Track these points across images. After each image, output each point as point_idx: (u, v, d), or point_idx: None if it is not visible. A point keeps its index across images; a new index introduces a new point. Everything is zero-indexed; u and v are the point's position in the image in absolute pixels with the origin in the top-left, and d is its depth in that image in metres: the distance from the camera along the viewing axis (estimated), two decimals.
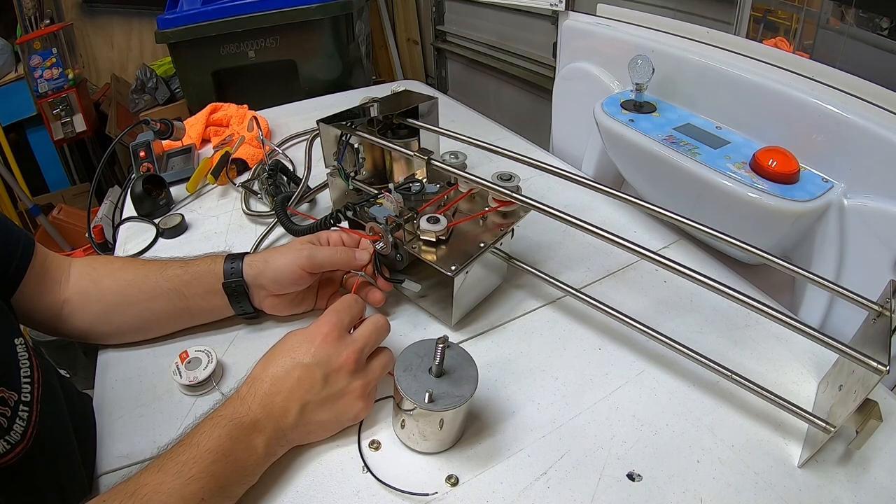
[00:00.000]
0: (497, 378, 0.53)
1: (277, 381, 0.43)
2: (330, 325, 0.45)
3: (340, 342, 0.45)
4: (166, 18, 1.41)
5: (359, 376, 0.45)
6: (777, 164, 0.60)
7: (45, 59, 1.90)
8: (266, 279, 0.55)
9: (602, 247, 0.58)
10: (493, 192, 0.57)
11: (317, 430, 0.46)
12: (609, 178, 0.89)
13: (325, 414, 0.45)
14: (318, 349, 0.44)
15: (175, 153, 0.98)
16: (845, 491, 0.43)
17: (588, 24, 0.92)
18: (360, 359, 0.45)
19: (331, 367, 0.44)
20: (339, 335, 0.45)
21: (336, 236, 0.58)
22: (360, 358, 0.45)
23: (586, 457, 0.46)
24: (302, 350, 0.44)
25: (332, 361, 0.44)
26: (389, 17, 2.22)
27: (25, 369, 0.42)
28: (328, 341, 0.44)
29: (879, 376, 0.38)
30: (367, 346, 0.46)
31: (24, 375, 0.42)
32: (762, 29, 0.87)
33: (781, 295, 0.65)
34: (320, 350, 0.44)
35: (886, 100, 0.57)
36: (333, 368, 0.44)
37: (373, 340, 0.47)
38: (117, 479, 0.45)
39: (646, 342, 0.55)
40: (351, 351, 0.44)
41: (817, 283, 0.44)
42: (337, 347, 0.44)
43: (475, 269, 0.56)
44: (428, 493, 0.43)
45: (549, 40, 1.35)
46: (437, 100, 0.73)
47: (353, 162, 0.70)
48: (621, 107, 0.77)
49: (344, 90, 1.34)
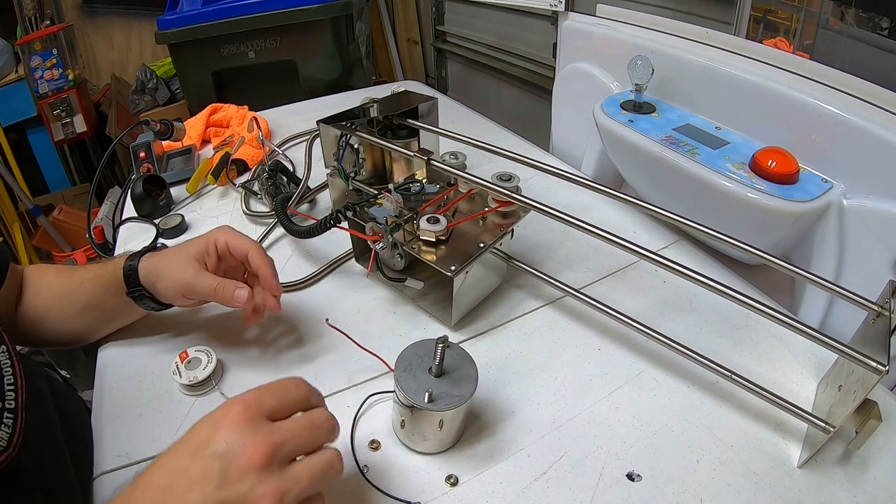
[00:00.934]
0: (497, 378, 0.53)
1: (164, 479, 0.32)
2: (243, 403, 0.33)
3: (250, 428, 0.32)
4: (166, 19, 1.42)
5: (270, 479, 0.31)
6: (776, 165, 0.60)
7: (45, 59, 1.90)
8: (157, 290, 0.52)
9: (602, 247, 0.58)
10: (493, 192, 0.57)
11: None
12: (609, 178, 0.89)
13: None
14: (219, 434, 0.32)
15: (175, 154, 0.98)
16: (845, 491, 0.43)
17: (588, 24, 0.92)
18: (273, 453, 0.32)
19: (230, 459, 0.31)
20: (252, 418, 0.33)
21: (223, 241, 0.52)
22: (275, 453, 0.32)
23: (586, 457, 0.46)
24: (201, 435, 0.33)
25: (232, 451, 0.31)
26: (389, 18, 2.22)
27: (9, 376, 0.42)
28: (234, 424, 0.32)
29: (879, 376, 0.38)
30: (290, 441, 0.33)
31: (7, 383, 0.41)
32: (762, 29, 0.88)
33: (781, 295, 0.65)
34: (221, 435, 0.32)
35: (886, 100, 0.57)
36: (233, 462, 0.31)
37: (304, 439, 0.34)
38: (116, 478, 0.45)
39: (646, 342, 0.55)
40: (261, 441, 0.32)
41: (817, 283, 0.44)
42: (244, 434, 0.32)
43: (475, 269, 0.56)
44: (411, 502, 0.42)
45: (548, 40, 1.35)
46: (436, 100, 0.73)
47: (352, 162, 0.70)
48: (621, 107, 0.77)
49: (344, 90, 1.34)
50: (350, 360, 0.55)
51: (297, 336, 0.59)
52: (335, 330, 0.55)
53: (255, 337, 0.59)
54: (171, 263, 0.52)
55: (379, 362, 0.52)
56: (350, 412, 0.50)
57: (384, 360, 0.52)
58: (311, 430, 0.35)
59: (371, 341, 0.54)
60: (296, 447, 0.33)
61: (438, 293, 0.62)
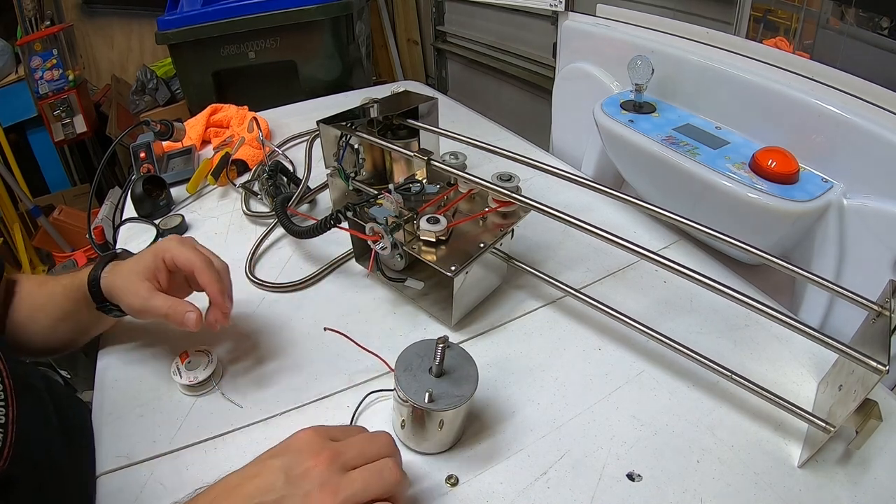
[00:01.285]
0: (497, 378, 0.53)
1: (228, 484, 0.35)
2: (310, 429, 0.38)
3: (317, 441, 0.37)
4: (166, 19, 1.42)
5: (332, 478, 0.34)
6: (777, 165, 0.60)
7: (45, 60, 1.90)
8: (121, 305, 0.52)
9: (602, 247, 0.58)
10: (493, 192, 0.57)
11: None
12: (609, 178, 0.89)
13: None
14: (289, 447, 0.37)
15: (175, 154, 0.98)
16: (845, 491, 0.43)
17: (588, 24, 0.92)
18: (334, 458, 0.35)
19: (295, 461, 0.35)
20: (319, 439, 0.37)
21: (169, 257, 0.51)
22: (337, 458, 0.36)
23: (586, 457, 0.46)
24: (274, 451, 0.37)
25: (299, 457, 0.35)
26: (389, 18, 2.22)
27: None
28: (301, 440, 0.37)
29: (879, 376, 0.38)
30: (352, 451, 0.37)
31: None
32: (762, 29, 0.87)
33: (781, 295, 0.65)
34: (290, 448, 0.36)
35: (886, 100, 0.57)
36: (298, 463, 0.35)
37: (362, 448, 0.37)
38: (116, 479, 0.45)
39: (646, 342, 0.55)
40: (326, 450, 0.36)
41: (817, 283, 0.44)
42: (312, 445, 0.36)
43: (475, 269, 0.56)
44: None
45: (549, 40, 1.35)
46: (436, 100, 0.73)
47: (353, 162, 0.70)
48: (621, 107, 0.77)
49: (344, 91, 1.34)
50: (350, 360, 0.55)
51: (298, 336, 0.59)
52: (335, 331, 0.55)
53: (255, 337, 0.59)
54: (124, 282, 0.51)
55: (379, 362, 0.52)
56: (350, 412, 0.50)
57: (384, 360, 0.52)
58: (367, 442, 0.38)
59: (371, 341, 0.54)
60: (353, 457, 0.36)
61: (438, 293, 0.62)
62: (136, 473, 0.45)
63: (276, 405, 0.51)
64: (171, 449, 0.47)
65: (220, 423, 0.49)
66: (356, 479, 0.35)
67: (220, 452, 0.47)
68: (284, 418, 0.50)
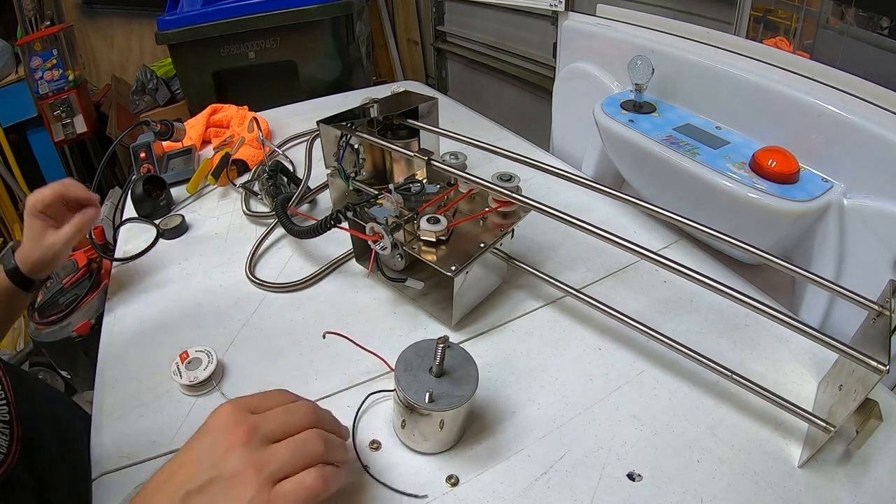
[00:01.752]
0: (497, 378, 0.53)
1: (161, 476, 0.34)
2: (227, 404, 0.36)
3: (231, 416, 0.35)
4: (166, 19, 1.42)
5: (253, 453, 0.33)
6: (777, 164, 0.60)
7: (45, 60, 1.90)
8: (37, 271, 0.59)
9: (602, 247, 0.58)
10: (493, 192, 0.57)
11: None
12: (609, 178, 0.89)
13: None
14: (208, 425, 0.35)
15: (175, 154, 0.98)
16: (845, 491, 0.43)
17: (588, 24, 0.92)
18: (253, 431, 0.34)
19: (216, 443, 0.34)
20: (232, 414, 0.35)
21: (47, 192, 0.58)
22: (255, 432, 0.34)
23: (586, 457, 0.46)
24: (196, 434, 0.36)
25: (217, 437, 0.34)
26: (389, 18, 2.22)
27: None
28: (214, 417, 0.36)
29: (879, 376, 0.38)
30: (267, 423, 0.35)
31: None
32: (762, 29, 0.87)
33: (781, 295, 0.65)
34: (206, 426, 0.35)
35: (886, 100, 0.57)
36: (217, 443, 0.34)
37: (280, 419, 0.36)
38: (116, 479, 0.45)
39: (646, 342, 0.55)
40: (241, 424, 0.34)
41: (817, 283, 0.44)
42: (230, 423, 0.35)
43: (475, 269, 0.56)
44: (418, 496, 0.43)
45: (549, 40, 1.35)
46: (437, 100, 0.73)
47: (353, 162, 0.70)
48: (621, 107, 0.77)
49: (344, 91, 1.34)
50: (350, 360, 0.55)
51: (298, 336, 0.59)
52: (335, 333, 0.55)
53: (255, 337, 0.59)
54: (27, 241, 0.58)
55: (379, 362, 0.52)
56: (350, 412, 0.50)
57: (385, 360, 0.52)
58: (287, 413, 0.37)
59: (371, 341, 0.54)
60: (274, 429, 0.35)
61: (439, 293, 0.62)
62: (136, 473, 0.45)
63: None
64: (171, 449, 0.47)
65: None
66: (280, 453, 0.34)
67: None
68: None
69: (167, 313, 0.63)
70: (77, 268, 0.91)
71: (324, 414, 0.39)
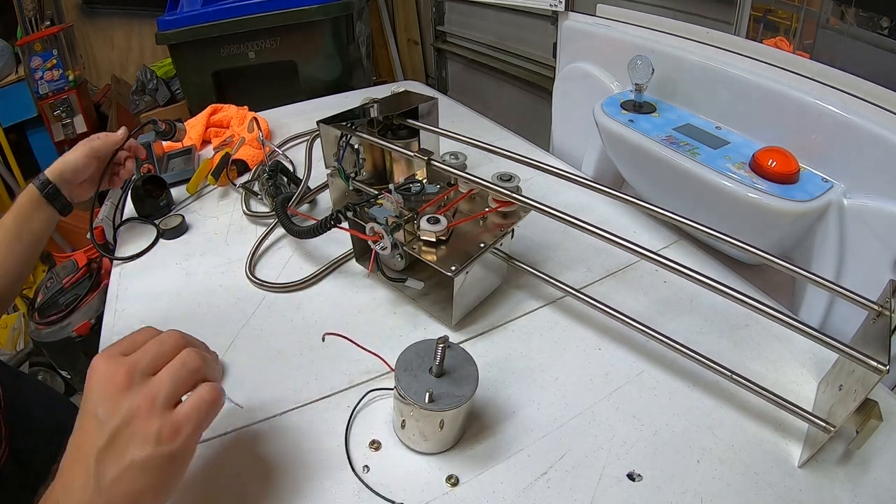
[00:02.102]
0: (497, 378, 0.53)
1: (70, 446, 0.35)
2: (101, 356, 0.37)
3: (106, 366, 0.36)
4: (166, 20, 1.42)
5: (139, 390, 0.34)
6: (777, 165, 0.60)
7: (45, 60, 1.90)
8: (68, 172, 0.69)
9: (602, 247, 0.58)
10: (493, 192, 0.57)
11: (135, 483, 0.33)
12: (609, 178, 0.89)
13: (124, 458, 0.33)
14: (88, 384, 0.36)
15: (175, 154, 0.98)
16: (845, 491, 0.43)
17: (588, 24, 0.92)
18: (132, 371, 0.35)
19: (101, 398, 0.34)
20: (106, 362, 0.36)
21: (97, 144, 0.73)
22: (133, 371, 0.35)
23: (586, 457, 0.46)
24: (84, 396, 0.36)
25: (102, 389, 0.35)
26: (389, 18, 2.22)
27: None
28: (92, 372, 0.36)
29: (879, 376, 0.38)
30: (142, 359, 0.36)
31: None
32: (762, 29, 0.87)
33: (781, 295, 0.65)
34: (89, 383, 0.35)
35: (886, 100, 0.57)
36: (105, 395, 0.34)
37: (153, 351, 0.37)
38: None
39: (646, 342, 0.55)
40: (118, 369, 0.35)
41: (817, 283, 0.44)
42: (102, 372, 0.35)
43: (475, 269, 0.56)
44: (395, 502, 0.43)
45: (549, 40, 1.36)
46: (437, 100, 0.73)
47: (353, 162, 0.70)
48: (621, 107, 0.77)
49: (344, 91, 1.34)
50: (350, 360, 0.55)
51: (298, 336, 0.59)
52: (335, 334, 0.55)
53: (255, 337, 0.59)
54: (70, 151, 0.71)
55: (379, 362, 0.52)
56: (350, 412, 0.50)
57: (385, 360, 0.52)
58: (157, 344, 0.38)
59: (371, 341, 0.54)
60: (150, 362, 0.36)
61: (439, 293, 0.62)
62: None
63: (276, 405, 0.51)
64: None
65: (220, 423, 0.49)
66: (164, 379, 0.35)
67: (221, 452, 0.47)
68: (284, 418, 0.50)
69: (167, 313, 0.63)
70: (77, 268, 0.91)
71: (191, 338, 0.41)
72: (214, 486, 0.44)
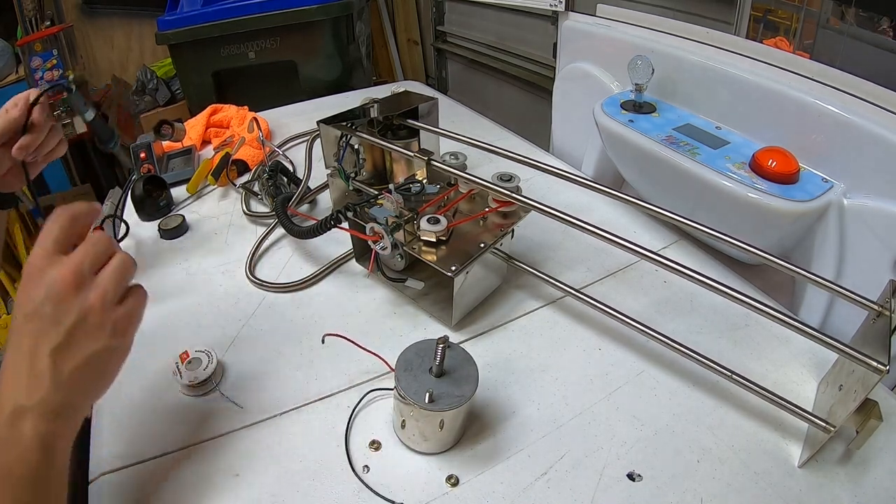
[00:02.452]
0: (497, 378, 0.53)
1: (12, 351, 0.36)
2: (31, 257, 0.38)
3: (50, 267, 0.37)
4: (166, 20, 1.42)
5: (90, 289, 0.37)
6: (777, 165, 0.60)
7: (45, 60, 1.90)
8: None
9: (602, 247, 0.58)
10: (493, 192, 0.57)
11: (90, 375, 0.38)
12: (609, 178, 0.89)
13: (81, 352, 0.36)
14: (31, 286, 0.37)
15: (175, 154, 0.98)
16: (845, 491, 0.43)
17: (588, 24, 0.92)
18: (79, 271, 0.37)
19: (52, 294, 0.36)
20: (48, 263, 0.37)
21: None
22: (80, 271, 0.37)
23: (586, 457, 0.46)
24: (21, 300, 0.37)
25: (51, 289, 0.36)
26: (389, 18, 2.22)
27: None
28: (37, 273, 0.37)
29: (879, 376, 0.38)
30: (86, 260, 0.38)
31: None
32: (762, 29, 0.87)
33: (781, 295, 0.65)
34: (32, 285, 0.37)
35: (886, 100, 0.57)
36: (56, 295, 0.36)
37: (91, 255, 0.39)
38: (116, 479, 0.45)
39: (646, 342, 0.55)
40: (65, 269, 0.37)
41: (817, 283, 0.44)
42: (48, 273, 0.37)
43: (475, 269, 0.56)
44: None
45: (549, 40, 1.35)
46: (437, 100, 0.73)
47: (353, 162, 0.70)
48: (621, 107, 0.77)
49: (344, 91, 1.34)
50: (350, 360, 0.55)
51: (298, 336, 0.59)
52: (335, 335, 0.55)
53: (255, 337, 0.59)
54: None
55: (379, 362, 0.52)
56: (350, 412, 0.50)
57: (385, 360, 0.52)
58: (92, 245, 0.39)
59: (371, 341, 0.54)
60: (91, 262, 0.38)
61: (439, 293, 0.62)
62: (136, 474, 0.45)
63: (276, 405, 0.51)
64: (171, 449, 0.47)
65: (220, 423, 0.49)
66: (109, 278, 0.38)
67: (221, 452, 0.47)
68: (284, 418, 0.50)
69: (167, 313, 0.63)
70: None
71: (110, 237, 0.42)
72: (214, 486, 0.44)
